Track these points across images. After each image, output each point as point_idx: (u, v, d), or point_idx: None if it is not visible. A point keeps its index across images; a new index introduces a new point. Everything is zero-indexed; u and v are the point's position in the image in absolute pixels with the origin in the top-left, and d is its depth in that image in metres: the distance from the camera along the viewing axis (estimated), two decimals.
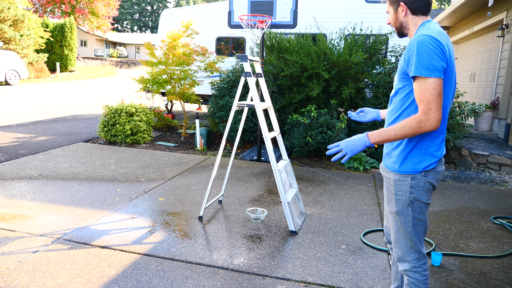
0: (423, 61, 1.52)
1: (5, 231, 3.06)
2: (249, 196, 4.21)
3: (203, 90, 9.07)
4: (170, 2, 64.07)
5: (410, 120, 1.57)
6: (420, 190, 1.70)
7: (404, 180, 1.71)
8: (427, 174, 1.70)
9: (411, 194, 1.70)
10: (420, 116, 1.55)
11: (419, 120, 1.55)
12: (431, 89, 1.52)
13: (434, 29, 1.61)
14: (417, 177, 1.69)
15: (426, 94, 1.53)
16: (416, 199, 1.71)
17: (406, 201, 1.72)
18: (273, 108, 3.58)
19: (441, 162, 1.74)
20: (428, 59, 1.52)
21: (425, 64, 1.52)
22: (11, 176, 4.49)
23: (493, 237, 3.35)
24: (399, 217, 1.75)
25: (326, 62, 6.13)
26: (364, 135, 1.67)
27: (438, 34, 1.58)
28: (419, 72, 1.53)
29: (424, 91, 1.53)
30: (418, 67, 1.53)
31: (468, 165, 5.86)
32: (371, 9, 7.96)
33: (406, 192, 1.71)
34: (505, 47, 7.07)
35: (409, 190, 1.70)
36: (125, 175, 4.76)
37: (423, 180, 1.69)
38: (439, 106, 1.53)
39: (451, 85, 1.64)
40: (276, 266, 2.69)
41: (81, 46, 38.67)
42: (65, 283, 2.38)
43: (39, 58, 20.47)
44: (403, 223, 1.75)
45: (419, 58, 1.53)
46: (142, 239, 3.02)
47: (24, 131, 7.21)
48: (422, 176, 1.69)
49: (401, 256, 1.80)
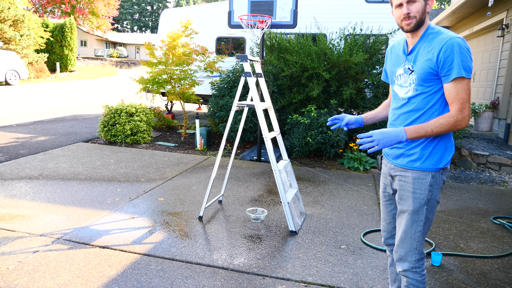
0: (464, 62, 1.58)
1: (5, 231, 3.06)
2: (249, 196, 4.21)
3: (203, 90, 9.07)
4: (170, 2, 64.08)
5: (447, 118, 1.61)
6: (437, 188, 1.71)
7: (424, 178, 1.70)
8: (443, 171, 1.72)
9: (429, 192, 1.70)
10: (457, 114, 1.60)
11: (456, 118, 1.60)
12: (466, 89, 1.59)
13: (448, 31, 1.67)
14: (436, 175, 1.70)
15: (462, 94, 1.59)
16: (433, 197, 1.71)
17: (424, 199, 1.70)
18: (273, 108, 3.59)
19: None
20: (467, 60, 1.59)
21: (465, 65, 1.58)
22: (11, 176, 4.49)
23: (493, 237, 3.35)
24: (414, 215, 1.73)
25: (326, 62, 6.13)
26: (400, 130, 1.64)
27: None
28: (460, 73, 1.58)
29: (460, 91, 1.60)
30: (460, 68, 1.58)
31: (468, 165, 5.86)
32: (371, 9, 7.96)
33: (425, 190, 1.70)
34: (505, 47, 7.07)
35: (428, 188, 1.70)
36: (125, 175, 4.76)
37: (440, 178, 1.71)
38: (470, 105, 1.62)
39: None
40: (276, 266, 2.69)
41: (81, 46, 38.68)
42: (65, 283, 2.38)
43: (39, 58, 20.47)
44: (415, 222, 1.73)
45: (461, 60, 1.58)
46: (142, 239, 3.02)
47: (24, 131, 7.21)
48: (440, 173, 1.71)
49: (403, 256, 1.79)
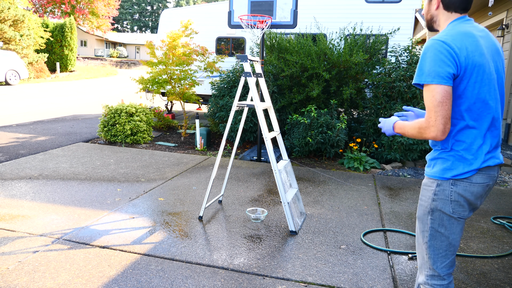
0: (425, 67, 1.47)
1: (5, 231, 3.06)
2: (249, 196, 4.21)
3: (203, 90, 9.07)
4: (170, 2, 64.09)
5: (416, 123, 1.54)
6: (444, 200, 1.56)
7: (429, 186, 1.61)
8: (456, 183, 1.54)
9: (433, 202, 1.59)
10: (423, 122, 1.50)
11: (420, 125, 1.51)
12: (430, 97, 1.45)
13: (453, 30, 1.51)
14: (443, 184, 1.56)
15: (428, 101, 1.47)
16: (438, 209, 1.58)
17: (427, 208, 1.61)
18: (273, 108, 3.59)
19: (481, 173, 1.53)
20: (432, 65, 1.45)
21: (427, 70, 1.46)
22: (11, 176, 4.49)
23: (493, 237, 3.35)
24: (419, 223, 1.67)
25: (326, 62, 6.13)
26: (393, 121, 1.69)
27: (452, 37, 1.48)
28: (419, 80, 1.49)
29: (426, 98, 1.47)
30: (419, 73, 1.50)
31: None
32: (371, 9, 7.96)
33: (428, 199, 1.61)
34: (505, 47, 7.07)
35: (432, 196, 1.59)
36: (125, 175, 4.76)
37: (449, 190, 1.55)
38: (439, 116, 1.43)
39: (484, 88, 1.49)
40: (276, 266, 2.69)
41: (81, 46, 38.68)
42: (65, 283, 2.38)
43: (39, 58, 20.48)
44: (421, 231, 1.66)
45: (422, 64, 1.49)
46: (142, 239, 3.02)
47: (24, 131, 7.21)
48: (450, 184, 1.55)
49: (419, 265, 1.70)
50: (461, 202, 1.55)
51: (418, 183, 4.98)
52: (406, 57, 6.26)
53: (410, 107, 1.93)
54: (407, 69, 6.04)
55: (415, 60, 6.12)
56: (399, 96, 6.06)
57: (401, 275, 2.65)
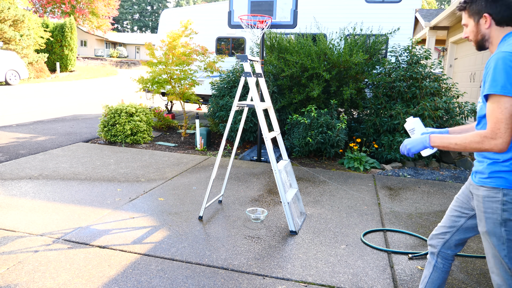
0: (499, 79, 1.42)
1: (5, 231, 3.06)
2: (249, 196, 4.21)
3: (203, 90, 9.07)
4: (170, 2, 64.08)
5: (475, 135, 1.49)
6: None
7: (494, 196, 1.56)
8: None
9: (503, 212, 1.53)
10: (487, 133, 1.46)
11: (484, 136, 1.46)
12: (503, 108, 1.41)
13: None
14: (510, 193, 1.52)
15: (497, 113, 1.43)
16: (510, 219, 1.53)
17: (498, 219, 1.54)
18: (273, 108, 3.59)
19: None
20: (506, 76, 1.41)
21: (501, 82, 1.42)
22: (11, 176, 4.49)
23: None
24: (490, 238, 1.59)
25: (326, 62, 6.13)
26: (426, 136, 1.65)
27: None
28: (493, 90, 1.44)
29: (495, 109, 1.44)
30: (493, 85, 1.44)
31: (468, 165, 5.86)
32: (371, 9, 7.96)
33: (497, 209, 1.55)
34: None
35: (501, 207, 1.53)
36: (125, 175, 4.76)
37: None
38: (509, 128, 1.41)
39: None
40: (276, 266, 2.69)
41: (81, 46, 38.67)
42: (65, 283, 2.38)
43: (39, 58, 20.47)
44: (496, 245, 1.58)
45: (495, 76, 1.44)
46: (142, 239, 3.02)
47: (24, 131, 7.21)
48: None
49: (501, 285, 1.61)
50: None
51: (418, 183, 4.98)
52: (406, 57, 6.26)
53: (428, 128, 1.95)
54: (407, 69, 6.04)
55: (415, 60, 6.12)
56: (399, 96, 6.06)
57: (401, 275, 2.65)
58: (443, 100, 5.71)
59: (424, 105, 5.59)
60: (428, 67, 6.12)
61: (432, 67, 6.17)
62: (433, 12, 12.04)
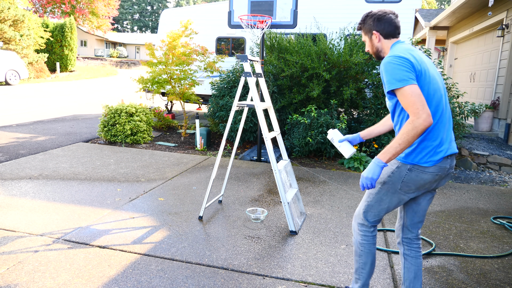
0: (393, 76, 1.74)
1: (5, 231, 3.06)
2: (249, 196, 4.21)
3: (203, 90, 9.08)
4: (170, 2, 64.08)
5: (406, 125, 1.70)
6: (398, 179, 1.90)
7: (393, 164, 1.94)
8: (414, 170, 1.86)
9: (388, 177, 1.93)
10: (412, 117, 1.68)
11: (412, 121, 1.68)
12: (408, 95, 1.70)
13: (398, 48, 1.85)
14: (401, 167, 1.89)
15: (408, 99, 1.70)
16: (390, 183, 1.93)
17: (382, 178, 1.96)
18: (273, 108, 3.58)
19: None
20: (397, 73, 1.74)
21: (396, 77, 1.73)
22: (11, 176, 4.49)
23: (493, 237, 3.35)
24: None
25: (326, 62, 6.13)
26: (375, 160, 1.80)
27: (402, 52, 1.80)
28: (394, 86, 1.74)
29: (405, 98, 1.71)
30: (390, 82, 1.76)
31: (468, 165, 5.86)
32: (371, 9, 7.96)
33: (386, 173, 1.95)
34: (505, 47, 7.07)
35: (389, 173, 1.93)
36: (125, 175, 4.76)
37: (405, 172, 1.88)
38: (423, 104, 1.68)
39: (433, 86, 1.81)
40: (276, 266, 2.69)
41: (81, 46, 38.67)
42: (65, 283, 2.38)
43: (39, 58, 20.47)
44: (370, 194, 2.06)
45: (388, 76, 1.77)
46: (142, 239, 3.02)
47: (24, 131, 7.21)
48: (407, 169, 1.87)
49: (355, 215, 2.18)
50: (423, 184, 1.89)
51: None
52: None
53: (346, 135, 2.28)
54: None
55: None
56: None
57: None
58: None
59: None
60: None
61: None
62: (433, 12, 12.04)
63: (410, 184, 1.87)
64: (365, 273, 2.11)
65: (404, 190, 1.90)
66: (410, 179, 1.86)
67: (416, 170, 1.84)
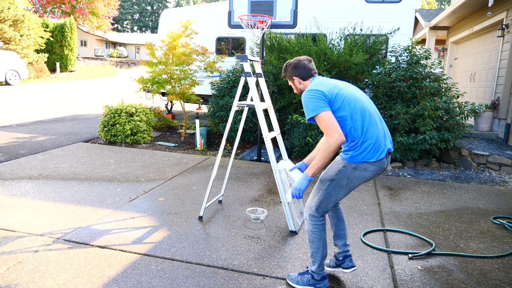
0: (309, 107, 2.15)
1: (5, 231, 3.06)
2: (249, 196, 4.21)
3: (203, 90, 9.07)
4: (170, 2, 64.07)
5: (323, 145, 2.10)
6: (344, 176, 2.24)
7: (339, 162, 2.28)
8: (357, 169, 2.21)
9: (335, 175, 2.26)
10: (326, 137, 2.09)
11: (326, 141, 2.08)
12: (322, 121, 2.11)
13: (314, 83, 2.27)
14: (347, 166, 2.22)
15: (323, 124, 2.10)
16: (337, 179, 2.26)
17: (330, 176, 2.29)
18: (273, 108, 3.58)
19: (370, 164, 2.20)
20: (311, 104, 2.14)
21: (311, 108, 2.14)
22: (11, 176, 4.49)
23: (493, 237, 3.35)
24: (319, 183, 2.34)
25: (326, 62, 6.13)
26: (304, 174, 2.21)
27: (315, 86, 2.22)
28: (310, 115, 2.15)
29: (321, 123, 2.11)
30: (308, 112, 2.16)
31: (468, 165, 5.86)
32: (371, 9, 7.96)
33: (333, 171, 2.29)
34: (505, 47, 7.07)
35: (336, 171, 2.27)
36: (125, 175, 4.76)
37: (350, 170, 2.21)
38: (334, 128, 2.07)
39: (353, 100, 2.17)
40: (276, 266, 2.70)
41: (81, 46, 38.66)
42: (65, 283, 2.38)
43: (39, 58, 20.46)
44: (319, 189, 2.34)
45: (306, 107, 2.17)
46: (142, 239, 3.02)
47: (24, 131, 7.21)
48: (352, 167, 2.20)
49: (306, 206, 2.44)
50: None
51: (418, 183, 4.98)
52: (406, 57, 6.26)
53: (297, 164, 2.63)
54: (407, 69, 6.04)
55: (415, 60, 6.12)
56: (399, 96, 6.06)
57: (401, 275, 2.65)
58: (443, 100, 5.71)
59: (424, 105, 5.59)
60: (428, 67, 6.12)
61: (432, 67, 6.17)
62: (433, 12, 12.04)
63: (354, 181, 2.22)
64: (319, 255, 2.37)
65: (349, 186, 2.25)
66: (354, 177, 2.21)
67: (360, 168, 2.18)
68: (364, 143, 2.15)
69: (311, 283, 2.40)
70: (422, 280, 2.60)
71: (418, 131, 5.82)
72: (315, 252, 2.37)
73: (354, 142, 2.17)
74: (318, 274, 2.38)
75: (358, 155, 2.17)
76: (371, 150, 2.15)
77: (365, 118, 2.16)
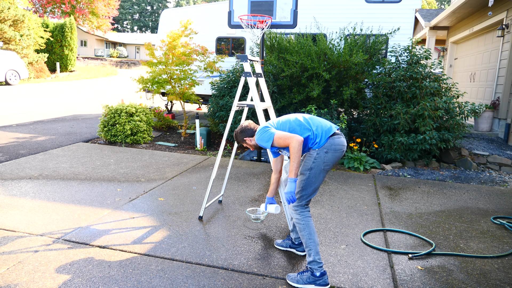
0: (264, 140, 2.57)
1: (5, 231, 3.06)
2: (249, 196, 4.21)
3: (203, 90, 9.07)
4: (170, 2, 64.06)
5: (290, 151, 2.42)
6: (320, 161, 2.55)
7: (311, 154, 2.59)
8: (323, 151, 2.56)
9: (312, 163, 2.55)
10: (291, 145, 2.42)
11: (291, 147, 2.41)
12: (278, 138, 2.50)
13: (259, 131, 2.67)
14: (320, 152, 2.54)
15: (282, 139, 2.49)
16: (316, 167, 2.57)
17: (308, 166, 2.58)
18: (273, 108, 3.58)
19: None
20: (264, 137, 2.56)
21: (266, 139, 2.55)
22: (11, 176, 4.49)
23: (493, 237, 3.35)
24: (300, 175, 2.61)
25: (326, 62, 6.13)
26: (289, 179, 2.46)
27: (260, 127, 2.69)
28: (269, 142, 2.54)
29: (279, 140, 2.50)
30: (267, 144, 2.56)
31: (468, 165, 5.86)
32: (371, 9, 7.96)
33: (310, 161, 2.58)
34: (505, 47, 7.07)
35: (313, 160, 2.56)
36: (125, 175, 4.76)
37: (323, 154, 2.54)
38: (289, 134, 2.46)
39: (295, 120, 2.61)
40: (276, 266, 2.69)
41: (81, 46, 38.66)
42: (65, 283, 2.38)
43: (39, 58, 20.46)
44: (300, 180, 2.60)
45: (262, 141, 2.59)
46: (142, 239, 3.02)
47: (24, 131, 7.21)
48: (324, 152, 2.53)
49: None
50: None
51: (418, 183, 4.98)
52: (406, 57, 6.26)
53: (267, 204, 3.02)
54: (407, 69, 6.04)
55: (415, 60, 6.12)
56: (399, 96, 6.06)
57: (401, 275, 2.65)
58: (443, 100, 5.71)
59: (424, 105, 5.59)
60: (428, 67, 6.12)
61: (432, 67, 6.17)
62: (433, 12, 12.04)
63: (329, 162, 2.53)
64: (313, 242, 2.50)
65: (326, 169, 2.55)
66: (329, 159, 2.53)
67: (330, 151, 2.52)
68: (322, 134, 2.56)
69: (310, 280, 2.43)
70: (422, 280, 2.60)
71: (418, 131, 5.82)
72: (308, 240, 2.51)
73: (312, 139, 2.56)
74: (317, 269, 2.44)
75: (320, 140, 2.54)
76: (324, 132, 2.56)
77: (312, 124, 2.60)
